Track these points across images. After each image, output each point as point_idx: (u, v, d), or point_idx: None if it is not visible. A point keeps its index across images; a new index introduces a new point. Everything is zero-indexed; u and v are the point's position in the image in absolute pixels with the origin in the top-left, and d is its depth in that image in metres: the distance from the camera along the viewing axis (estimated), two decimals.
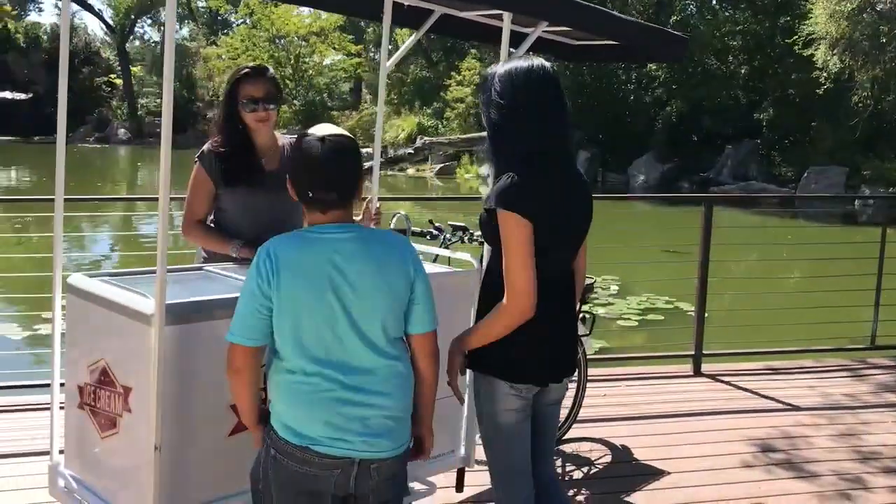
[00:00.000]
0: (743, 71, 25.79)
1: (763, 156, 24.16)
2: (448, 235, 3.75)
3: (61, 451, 2.82)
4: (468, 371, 2.50)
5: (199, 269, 3.01)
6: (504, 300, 2.28)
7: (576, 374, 4.13)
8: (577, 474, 3.98)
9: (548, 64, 2.36)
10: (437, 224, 3.79)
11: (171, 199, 2.59)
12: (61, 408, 2.81)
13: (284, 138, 3.34)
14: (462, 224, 3.74)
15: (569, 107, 2.42)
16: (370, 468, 2.09)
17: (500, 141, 2.36)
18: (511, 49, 3.33)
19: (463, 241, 3.72)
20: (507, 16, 3.14)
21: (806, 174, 21.37)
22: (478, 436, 3.25)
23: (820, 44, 20.44)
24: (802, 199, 20.43)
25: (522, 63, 2.35)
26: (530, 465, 2.57)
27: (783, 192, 21.32)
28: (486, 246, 3.29)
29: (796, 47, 21.46)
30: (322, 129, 2.13)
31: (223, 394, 2.47)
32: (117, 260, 12.14)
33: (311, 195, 2.10)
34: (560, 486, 2.74)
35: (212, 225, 3.26)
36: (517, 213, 2.25)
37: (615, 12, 3.68)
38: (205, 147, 3.21)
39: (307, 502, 2.10)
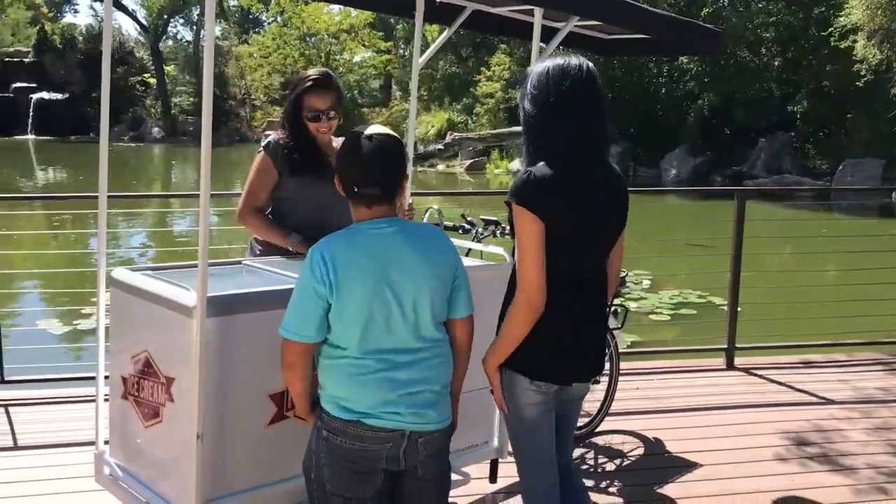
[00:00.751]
0: (776, 63, 25.50)
1: (797, 149, 23.89)
2: (480, 229, 3.78)
3: (106, 442, 2.91)
4: None
5: (238, 262, 3.08)
6: (515, 295, 2.33)
7: (606, 368, 4.16)
8: (610, 466, 4.00)
9: (584, 62, 2.38)
10: (469, 218, 3.83)
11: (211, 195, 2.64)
12: (106, 399, 2.90)
13: (338, 139, 3.43)
14: (494, 218, 3.77)
15: (606, 103, 2.43)
16: (417, 442, 2.19)
17: (533, 137, 2.39)
18: (542, 44, 3.36)
19: (495, 235, 3.76)
20: (538, 11, 3.17)
21: (841, 167, 21.09)
22: None
23: (858, 35, 20.14)
24: (837, 191, 20.17)
25: (559, 60, 2.38)
26: (554, 457, 2.59)
27: (818, 185, 21.05)
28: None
29: (832, 39, 21.16)
30: (369, 129, 2.22)
31: (262, 384, 2.55)
32: (152, 255, 12.32)
33: (356, 190, 2.19)
34: (576, 476, 2.75)
35: (269, 217, 3.33)
36: (529, 210, 2.28)
37: (646, 6, 3.68)
38: (270, 138, 3.29)
39: (359, 481, 2.18)
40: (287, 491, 2.64)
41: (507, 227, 3.71)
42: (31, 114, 38.44)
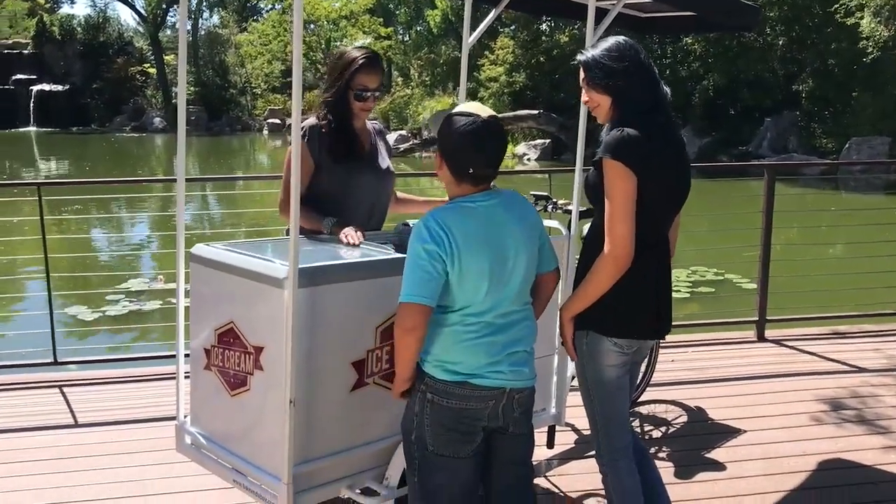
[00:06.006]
0: (781, 42, 25.47)
1: (803, 128, 23.90)
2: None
3: (186, 416, 3.01)
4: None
5: (305, 238, 3.15)
6: (603, 250, 2.42)
7: None
8: (656, 433, 4.12)
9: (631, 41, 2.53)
10: (515, 193, 3.90)
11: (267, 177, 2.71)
12: (186, 376, 2.99)
13: (370, 123, 3.49)
14: (544, 193, 3.85)
15: None
16: (514, 399, 2.32)
17: (628, 104, 2.47)
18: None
19: (546, 210, 3.83)
20: None
21: (848, 145, 21.14)
22: (568, 395, 3.43)
23: (864, 12, 20.16)
24: (869, 164, 20.12)
25: (618, 37, 2.52)
26: (628, 416, 2.73)
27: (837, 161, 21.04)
28: (573, 215, 3.43)
29: (837, 16, 21.16)
30: (475, 109, 2.31)
31: (345, 352, 2.65)
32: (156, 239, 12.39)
33: (471, 171, 2.28)
34: (637, 437, 2.90)
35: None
36: (623, 164, 2.38)
37: None
38: (307, 125, 3.23)
39: (460, 440, 2.30)
40: (368, 454, 2.75)
41: (558, 202, 3.81)
42: (31, 106, 38.43)
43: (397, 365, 2.38)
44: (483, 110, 2.32)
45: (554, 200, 3.79)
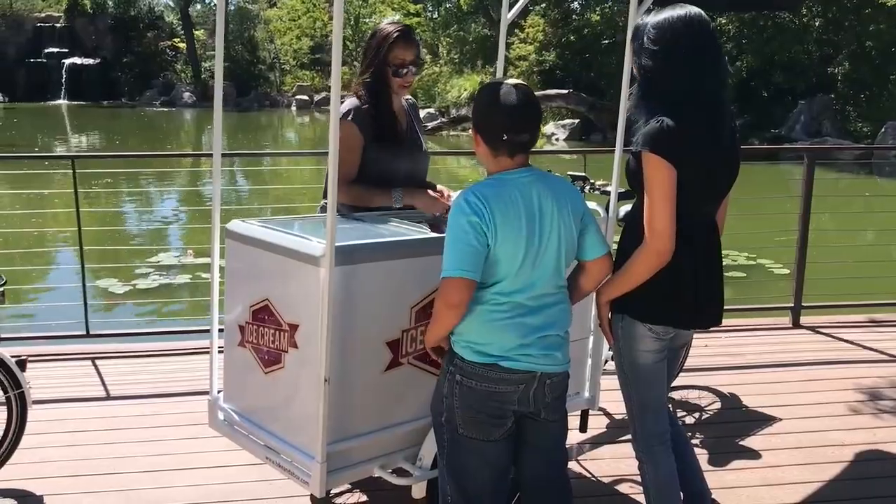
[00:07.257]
0: (817, 23, 24.99)
1: (837, 111, 23.45)
2: None
3: (219, 391, 3.01)
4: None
5: (343, 216, 3.13)
6: (643, 242, 2.36)
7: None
8: (689, 419, 4.07)
9: (702, 12, 2.41)
10: (555, 175, 3.84)
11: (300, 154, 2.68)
12: (220, 351, 2.98)
13: (403, 100, 3.42)
14: (582, 174, 3.80)
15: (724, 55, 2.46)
16: (545, 384, 2.27)
17: (651, 86, 2.41)
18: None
19: (583, 191, 3.77)
20: None
21: (883, 129, 20.72)
22: (602, 378, 3.39)
23: None
24: None
25: (678, 11, 2.40)
26: (666, 403, 2.68)
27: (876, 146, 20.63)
28: (611, 196, 3.37)
29: None
30: (508, 80, 2.27)
31: (380, 331, 2.62)
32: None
33: (505, 137, 2.23)
34: (677, 421, 2.85)
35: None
36: (661, 156, 2.31)
37: None
38: (350, 105, 3.17)
39: (490, 423, 2.26)
40: (401, 435, 2.74)
41: (596, 183, 3.75)
42: (63, 79, 38.68)
43: (429, 334, 2.37)
44: (517, 80, 2.29)
45: (591, 181, 3.73)
